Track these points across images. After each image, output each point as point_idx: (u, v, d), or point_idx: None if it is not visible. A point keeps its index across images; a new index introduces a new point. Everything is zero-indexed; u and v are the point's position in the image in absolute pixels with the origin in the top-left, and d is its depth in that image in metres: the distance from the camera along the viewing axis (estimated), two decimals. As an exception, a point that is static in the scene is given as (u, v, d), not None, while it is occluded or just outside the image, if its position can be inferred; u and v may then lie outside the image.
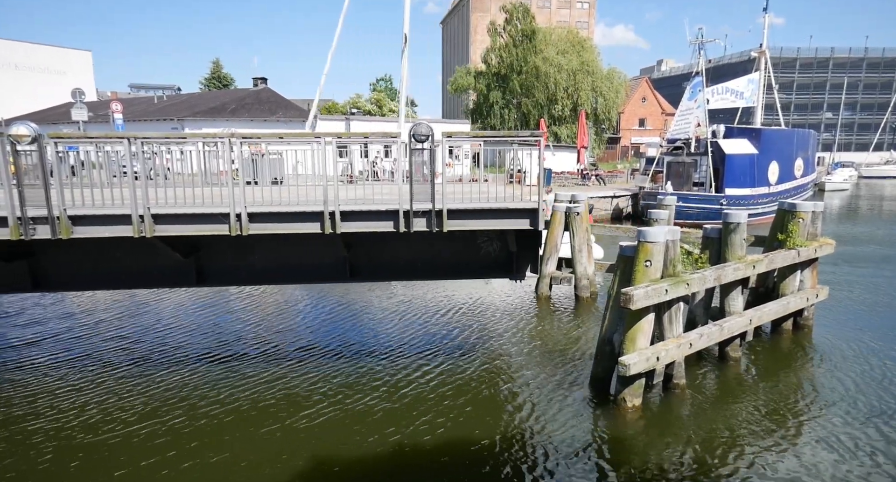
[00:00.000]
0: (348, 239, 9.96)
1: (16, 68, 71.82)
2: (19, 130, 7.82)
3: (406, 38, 23.30)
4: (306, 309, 14.94)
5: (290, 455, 7.90)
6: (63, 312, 14.38)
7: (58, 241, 8.54)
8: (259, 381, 10.31)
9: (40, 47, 76.02)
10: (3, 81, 69.94)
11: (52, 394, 9.83)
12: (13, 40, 74.30)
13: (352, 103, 55.74)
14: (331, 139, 8.91)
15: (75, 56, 79.43)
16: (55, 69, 74.07)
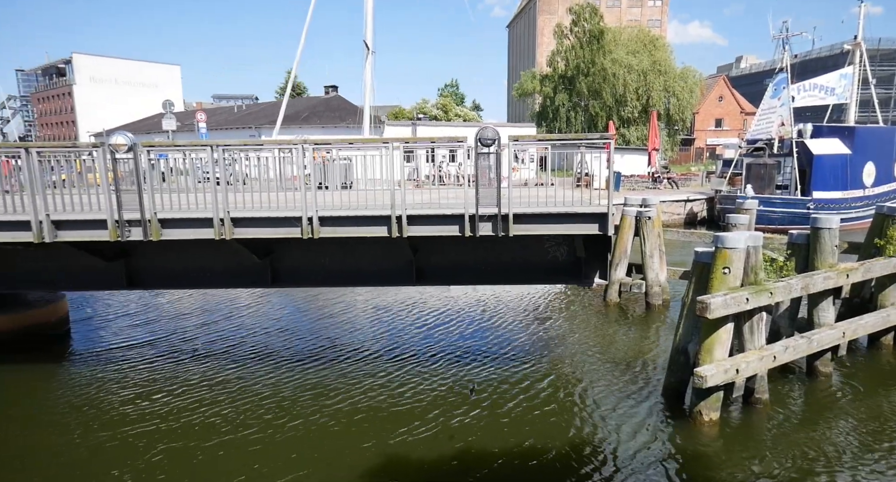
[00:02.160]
0: (415, 242, 10.08)
1: (116, 83, 78.47)
2: (118, 140, 8.49)
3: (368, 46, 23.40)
4: (373, 311, 15.21)
5: (358, 453, 8.00)
6: (175, 313, 15.24)
7: (149, 242, 9.19)
8: (333, 381, 10.51)
9: (136, 63, 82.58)
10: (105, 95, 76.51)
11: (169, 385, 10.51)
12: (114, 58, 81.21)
13: (418, 108, 56.59)
14: (398, 144, 9.07)
15: (166, 70, 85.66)
16: (149, 83, 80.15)
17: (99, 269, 10.77)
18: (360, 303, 15.84)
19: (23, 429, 8.84)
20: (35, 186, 8.81)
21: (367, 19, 22.22)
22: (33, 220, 8.89)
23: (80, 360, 11.88)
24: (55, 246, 9.46)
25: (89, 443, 8.35)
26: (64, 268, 10.99)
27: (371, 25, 22.38)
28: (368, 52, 22.28)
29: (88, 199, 9.30)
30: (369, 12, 22.29)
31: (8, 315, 12.11)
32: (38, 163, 8.89)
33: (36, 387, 10.65)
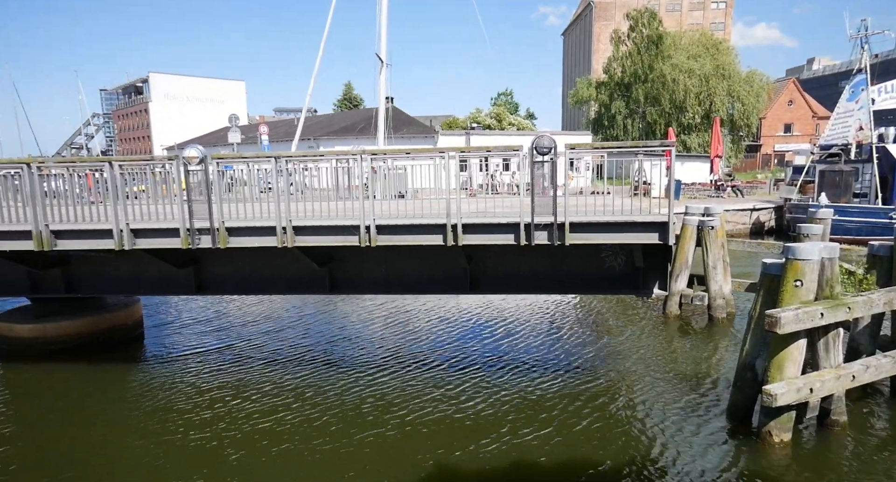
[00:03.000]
0: (469, 251, 10.12)
1: (187, 99, 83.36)
2: (190, 153, 9.01)
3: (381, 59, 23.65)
4: (434, 320, 15.25)
5: (423, 467, 7.94)
6: (243, 320, 15.76)
7: (217, 249, 9.66)
8: (397, 390, 10.50)
9: (205, 80, 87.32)
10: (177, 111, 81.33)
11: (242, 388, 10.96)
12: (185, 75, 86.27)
13: (472, 118, 56.87)
14: (454, 153, 9.16)
15: (232, 86, 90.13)
16: (216, 98, 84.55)
17: (171, 275, 11.41)
18: (420, 312, 15.92)
19: (104, 431, 9.24)
20: (117, 197, 9.46)
21: (382, 34, 22.90)
22: (115, 228, 9.53)
23: (152, 363, 12.54)
24: (133, 253, 10.10)
25: (165, 446, 8.59)
26: (139, 274, 11.71)
27: (385, 39, 23.03)
28: (382, 65, 22.93)
29: (163, 209, 9.90)
30: (383, 27, 22.95)
31: (90, 317, 12.99)
32: (120, 175, 9.54)
33: (113, 387, 11.22)
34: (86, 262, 11.81)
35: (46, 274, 11.84)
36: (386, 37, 22.88)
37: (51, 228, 9.75)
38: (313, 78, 25.35)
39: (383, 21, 22.86)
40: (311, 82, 25.29)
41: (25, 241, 9.81)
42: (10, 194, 10.18)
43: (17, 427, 9.50)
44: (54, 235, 9.82)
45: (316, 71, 25.07)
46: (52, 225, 9.76)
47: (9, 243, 9.99)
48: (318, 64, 24.69)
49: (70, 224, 9.84)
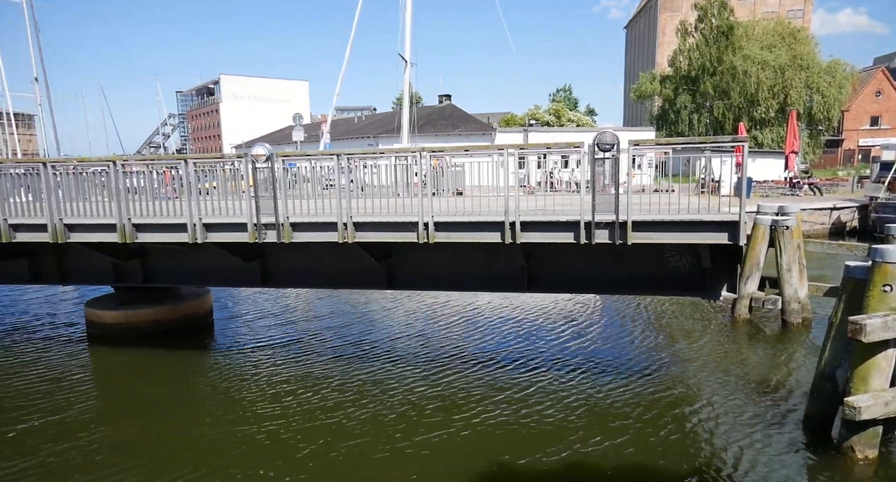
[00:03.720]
0: (527, 249, 10.00)
1: (254, 99, 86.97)
2: (258, 151, 9.37)
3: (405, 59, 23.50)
4: (490, 316, 15.24)
5: (487, 470, 7.88)
6: (308, 314, 16.29)
7: (281, 244, 10.02)
8: (462, 390, 10.42)
9: (271, 81, 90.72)
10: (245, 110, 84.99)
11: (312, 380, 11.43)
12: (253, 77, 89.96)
13: (530, 115, 56.24)
14: (513, 150, 9.07)
15: (296, 86, 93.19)
16: (281, 98, 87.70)
17: (238, 268, 11.94)
18: (484, 310, 15.83)
19: (178, 417, 9.64)
20: (191, 193, 9.98)
21: (406, 34, 23.05)
22: (189, 223, 10.07)
23: (222, 352, 13.12)
24: (204, 246, 10.63)
25: (238, 436, 8.78)
26: (210, 266, 12.31)
27: (409, 40, 23.21)
28: (406, 64, 23.12)
29: (231, 205, 10.36)
30: (408, 27, 23.10)
31: (166, 306, 13.81)
32: (194, 172, 10.06)
33: (187, 374, 11.84)
34: (162, 254, 12.53)
35: (128, 264, 12.66)
36: (410, 37, 23.20)
37: (133, 222, 10.42)
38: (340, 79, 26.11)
39: (407, 22, 23.20)
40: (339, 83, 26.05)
41: (110, 233, 10.53)
42: (98, 190, 10.95)
43: (98, 408, 10.20)
44: (135, 228, 10.48)
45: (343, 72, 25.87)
46: (134, 219, 10.42)
47: (96, 235, 10.74)
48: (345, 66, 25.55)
49: (149, 218, 10.48)
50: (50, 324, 15.40)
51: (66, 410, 9.76)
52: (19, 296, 18.15)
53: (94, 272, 12.90)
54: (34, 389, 10.71)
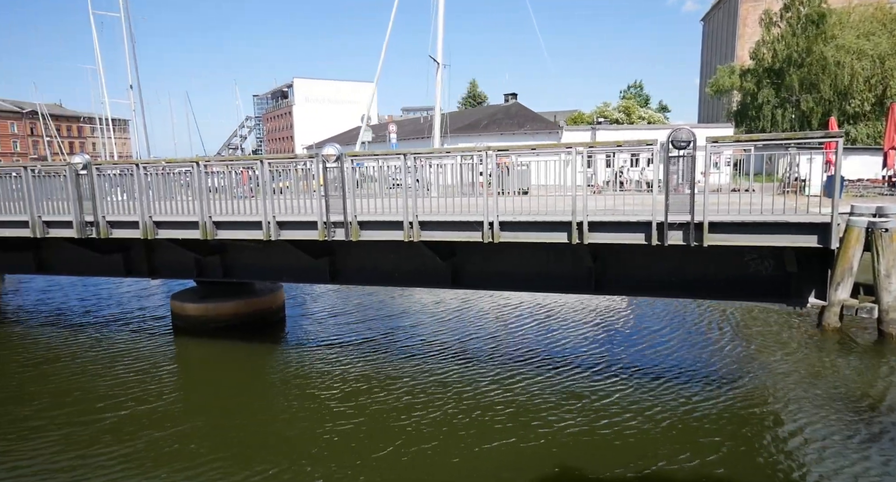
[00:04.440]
0: (595, 250, 9.74)
1: (324, 101, 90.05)
2: (328, 151, 9.66)
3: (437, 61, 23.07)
4: (563, 319, 14.98)
5: (549, 475, 7.77)
6: (378, 313, 16.58)
7: (349, 242, 10.28)
8: (538, 396, 10.25)
9: (340, 83, 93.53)
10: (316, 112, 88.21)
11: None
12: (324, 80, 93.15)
13: (598, 112, 54.76)
14: (581, 149, 8.85)
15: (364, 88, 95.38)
16: (349, 100, 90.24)
17: (309, 265, 12.36)
18: (556, 312, 15.57)
19: (253, 411, 9.91)
20: (267, 192, 10.43)
21: (438, 36, 23.10)
22: (264, 220, 10.54)
23: (294, 347, 13.63)
24: (277, 243, 11.09)
25: (312, 433, 8.96)
26: (282, 263, 12.83)
27: (441, 41, 23.20)
28: (438, 66, 23.18)
29: (302, 203, 10.73)
30: (439, 29, 23.09)
31: (243, 300, 14.54)
32: (269, 172, 10.51)
33: (261, 367, 12.37)
34: (239, 250, 13.19)
35: (208, 260, 13.41)
36: (442, 39, 23.44)
37: (213, 220, 11.02)
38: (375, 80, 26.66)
39: (440, 24, 23.42)
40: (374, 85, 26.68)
41: (193, 230, 11.19)
42: (182, 189, 11.67)
43: (184, 398, 10.79)
44: (216, 226, 11.09)
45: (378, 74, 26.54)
46: (214, 217, 11.03)
47: (181, 232, 11.46)
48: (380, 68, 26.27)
49: (228, 216, 11.05)
50: (139, 316, 16.59)
51: (156, 400, 10.35)
52: (115, 289, 19.69)
53: (179, 267, 13.75)
54: (129, 379, 11.44)
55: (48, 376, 11.45)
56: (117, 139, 55.66)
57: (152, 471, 7.94)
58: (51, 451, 8.46)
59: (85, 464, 8.13)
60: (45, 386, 10.98)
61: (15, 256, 14.29)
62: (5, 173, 12.42)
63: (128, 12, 35.75)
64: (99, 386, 11.06)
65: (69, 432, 9.07)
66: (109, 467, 8.07)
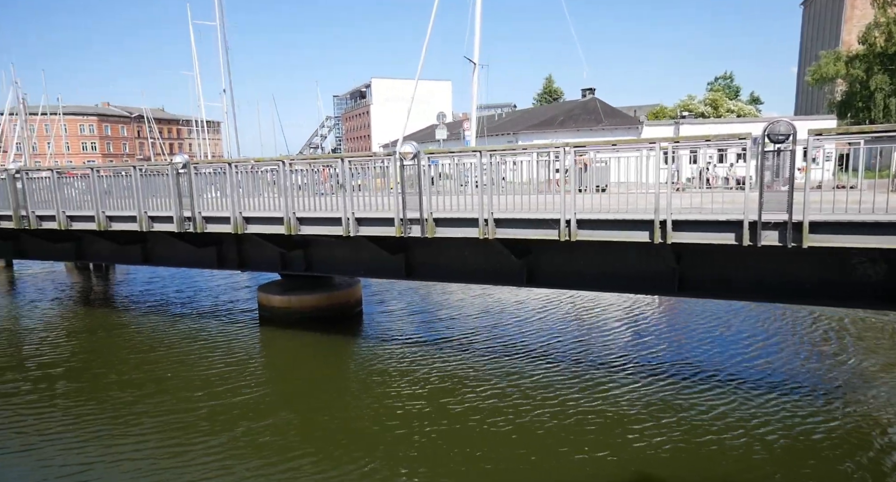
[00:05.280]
0: (678, 249, 9.30)
1: (401, 100, 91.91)
2: (406, 149, 9.83)
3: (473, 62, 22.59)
4: (648, 321, 14.50)
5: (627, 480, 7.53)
6: (454, 312, 16.69)
7: (424, 238, 10.42)
8: (617, 398, 9.94)
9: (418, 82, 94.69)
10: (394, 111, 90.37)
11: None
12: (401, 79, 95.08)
13: (682, 106, 52.11)
14: (666, 144, 8.45)
15: (440, 86, 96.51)
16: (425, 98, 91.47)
17: (385, 261, 12.66)
18: (644, 315, 15.07)
19: (337, 408, 10.01)
20: (346, 189, 10.78)
21: (475, 36, 23.35)
22: (343, 217, 10.90)
23: (371, 342, 13.98)
24: (356, 239, 11.44)
25: (392, 433, 8.95)
26: (359, 258, 13.22)
27: (478, 42, 23.61)
28: (474, 67, 23.30)
29: (378, 200, 10.99)
30: (477, 29, 23.42)
31: (323, 294, 15.16)
32: (348, 170, 10.85)
33: (341, 361, 12.72)
34: (320, 245, 13.74)
35: (292, 254, 14.07)
36: (479, 39, 23.63)
37: (297, 216, 11.54)
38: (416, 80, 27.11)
39: (476, 24, 23.52)
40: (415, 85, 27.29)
41: (278, 226, 11.77)
42: (268, 187, 12.31)
43: (273, 391, 11.14)
44: (299, 222, 11.60)
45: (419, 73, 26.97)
46: (298, 213, 11.54)
47: (267, 227, 12.09)
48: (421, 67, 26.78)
49: (310, 212, 11.53)
50: (230, 308, 17.71)
51: (248, 391, 10.73)
52: (207, 282, 21.14)
53: (266, 260, 14.52)
54: (223, 370, 11.96)
55: (151, 363, 12.33)
56: (211, 140, 59.66)
57: (249, 460, 8.18)
58: (155, 436, 8.99)
59: (187, 450, 8.51)
60: (149, 373, 11.79)
61: (124, 249, 15.67)
62: (118, 173, 13.65)
63: (223, 21, 38.13)
64: (195, 375, 11.70)
65: (170, 419, 9.57)
66: (212, 453, 8.40)
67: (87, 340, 14.27)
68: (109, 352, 13.23)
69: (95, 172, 13.67)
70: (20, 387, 11.11)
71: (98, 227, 13.63)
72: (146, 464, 8.11)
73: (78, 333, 14.86)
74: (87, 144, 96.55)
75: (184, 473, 7.90)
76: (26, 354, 13.15)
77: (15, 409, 10.07)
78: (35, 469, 8.09)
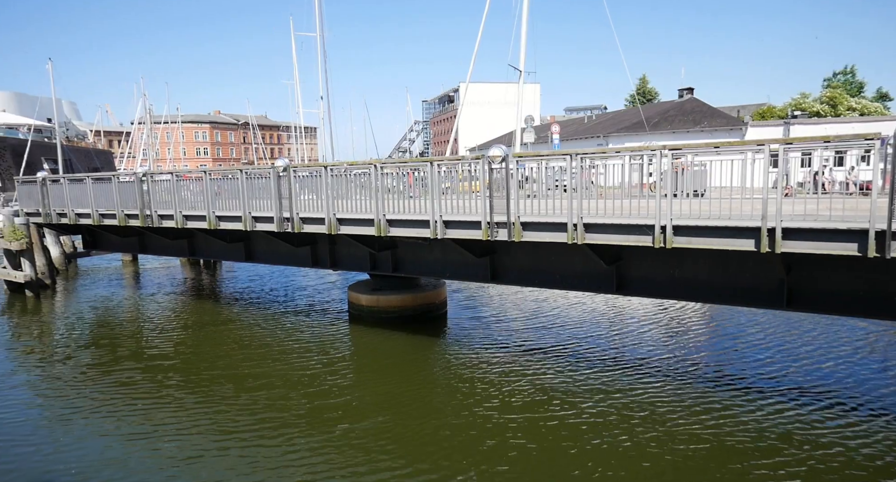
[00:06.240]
0: (788, 259, 8.56)
1: (488, 104, 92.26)
2: (494, 152, 9.82)
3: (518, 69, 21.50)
4: (752, 335, 13.56)
5: None
6: (543, 319, 16.67)
7: (511, 242, 10.35)
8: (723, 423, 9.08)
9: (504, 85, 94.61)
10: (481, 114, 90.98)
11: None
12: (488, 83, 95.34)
13: (794, 105, 47.99)
14: (777, 146, 7.81)
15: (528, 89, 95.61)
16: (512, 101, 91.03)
17: (470, 263, 12.71)
18: (768, 329, 14.01)
19: (424, 413, 9.93)
20: (434, 192, 10.95)
21: (521, 44, 23.25)
22: (431, 219, 11.08)
23: (456, 344, 13.96)
24: (442, 241, 11.58)
25: (484, 445, 8.62)
26: (445, 260, 13.38)
27: (524, 49, 23.27)
28: (520, 74, 22.89)
29: (466, 203, 11.05)
30: (522, 37, 23.12)
31: (409, 294, 15.50)
32: (437, 173, 11.01)
33: (427, 364, 12.75)
34: (407, 247, 14.06)
35: (380, 255, 14.51)
36: (525, 47, 23.34)
37: (386, 218, 11.88)
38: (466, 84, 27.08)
39: (522, 32, 23.28)
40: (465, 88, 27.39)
41: (369, 227, 12.19)
42: (359, 189, 12.75)
43: (361, 389, 11.37)
44: (388, 224, 11.94)
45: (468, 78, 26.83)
46: (387, 215, 11.88)
47: (358, 228, 12.55)
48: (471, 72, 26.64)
49: (398, 214, 11.82)
50: (322, 307, 18.55)
51: (341, 393, 10.86)
52: (301, 281, 22.29)
53: (356, 260, 15.09)
54: (318, 370, 12.12)
55: (253, 359, 12.98)
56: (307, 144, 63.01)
57: (349, 463, 8.16)
58: (258, 429, 9.37)
59: (290, 449, 8.67)
60: (252, 368, 12.37)
61: (230, 246, 16.92)
62: (226, 176, 14.77)
63: (322, 32, 40.18)
64: (292, 373, 12.05)
65: (270, 416, 9.86)
66: (314, 451, 8.57)
67: (196, 333, 15.46)
68: (216, 345, 14.20)
69: (207, 175, 14.87)
70: (135, 376, 12.09)
71: (209, 225, 14.81)
72: (246, 462, 8.32)
73: (189, 327, 16.13)
74: (201, 150, 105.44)
75: (283, 474, 7.99)
76: (144, 345, 14.44)
77: (131, 396, 10.97)
78: (149, 453, 8.65)
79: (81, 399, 10.87)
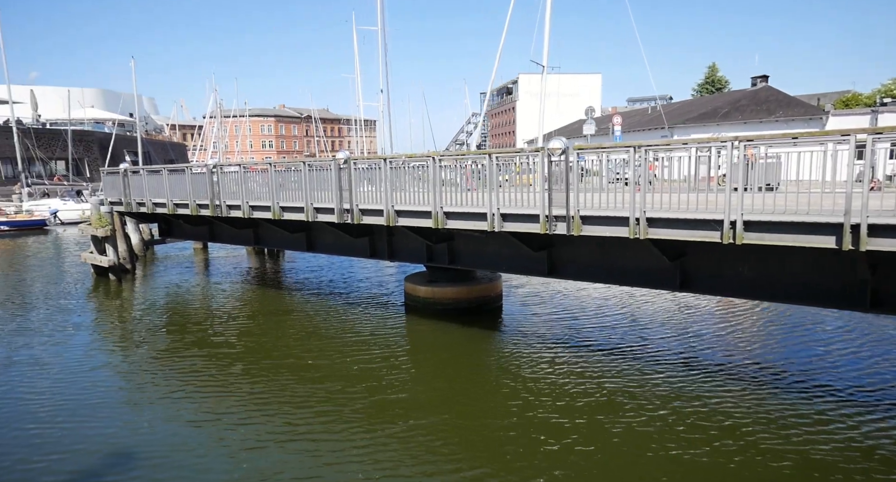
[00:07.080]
0: (873, 258, 7.96)
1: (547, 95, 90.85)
2: (554, 145, 9.65)
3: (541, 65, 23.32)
4: (827, 338, 12.80)
5: None
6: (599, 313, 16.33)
7: (569, 236, 10.15)
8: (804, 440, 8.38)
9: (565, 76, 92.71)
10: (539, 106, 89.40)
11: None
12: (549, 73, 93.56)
13: (883, 91, 44.37)
14: (864, 136, 7.24)
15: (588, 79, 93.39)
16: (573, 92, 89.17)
17: (527, 257, 12.59)
18: (854, 332, 13.19)
19: (479, 411, 9.72)
20: (492, 184, 10.89)
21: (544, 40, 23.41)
22: (488, 212, 11.03)
23: (511, 340, 13.75)
24: (499, 235, 11.52)
25: (541, 450, 8.36)
26: (501, 253, 13.30)
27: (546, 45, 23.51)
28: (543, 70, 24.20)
29: (521, 197, 10.91)
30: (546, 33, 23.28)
31: (465, 286, 15.54)
32: (495, 166, 10.94)
33: (482, 360, 12.64)
34: (464, 240, 14.07)
35: (436, 247, 14.61)
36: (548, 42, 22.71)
37: (444, 210, 11.93)
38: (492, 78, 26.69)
39: (546, 27, 23.20)
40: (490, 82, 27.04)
41: (426, 219, 12.28)
42: (416, 182, 12.85)
43: (418, 384, 11.34)
44: (446, 216, 11.99)
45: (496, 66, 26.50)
46: (445, 207, 11.93)
47: (416, 220, 12.68)
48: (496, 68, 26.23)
49: (456, 207, 11.84)
50: (379, 299, 18.87)
51: (399, 388, 10.83)
52: (358, 273, 22.76)
53: (412, 252, 15.27)
54: (376, 366, 12.08)
55: (313, 351, 13.25)
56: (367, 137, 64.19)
57: (414, 461, 8.12)
58: (321, 421, 9.49)
59: (352, 444, 8.69)
60: (313, 358, 12.60)
61: (293, 236, 17.51)
62: (289, 168, 15.27)
63: (384, 26, 40.75)
64: (351, 364, 12.20)
65: (333, 409, 9.99)
66: (378, 446, 8.56)
67: (259, 322, 16.01)
68: (277, 336, 14.62)
69: (273, 167, 15.43)
70: (201, 363, 12.59)
71: (273, 216, 15.39)
72: (308, 457, 8.40)
73: (252, 316, 16.72)
74: (266, 142, 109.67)
75: (342, 467, 8.05)
76: (210, 332, 15.07)
77: (197, 383, 11.44)
78: (216, 440, 8.96)
79: (152, 385, 11.43)
